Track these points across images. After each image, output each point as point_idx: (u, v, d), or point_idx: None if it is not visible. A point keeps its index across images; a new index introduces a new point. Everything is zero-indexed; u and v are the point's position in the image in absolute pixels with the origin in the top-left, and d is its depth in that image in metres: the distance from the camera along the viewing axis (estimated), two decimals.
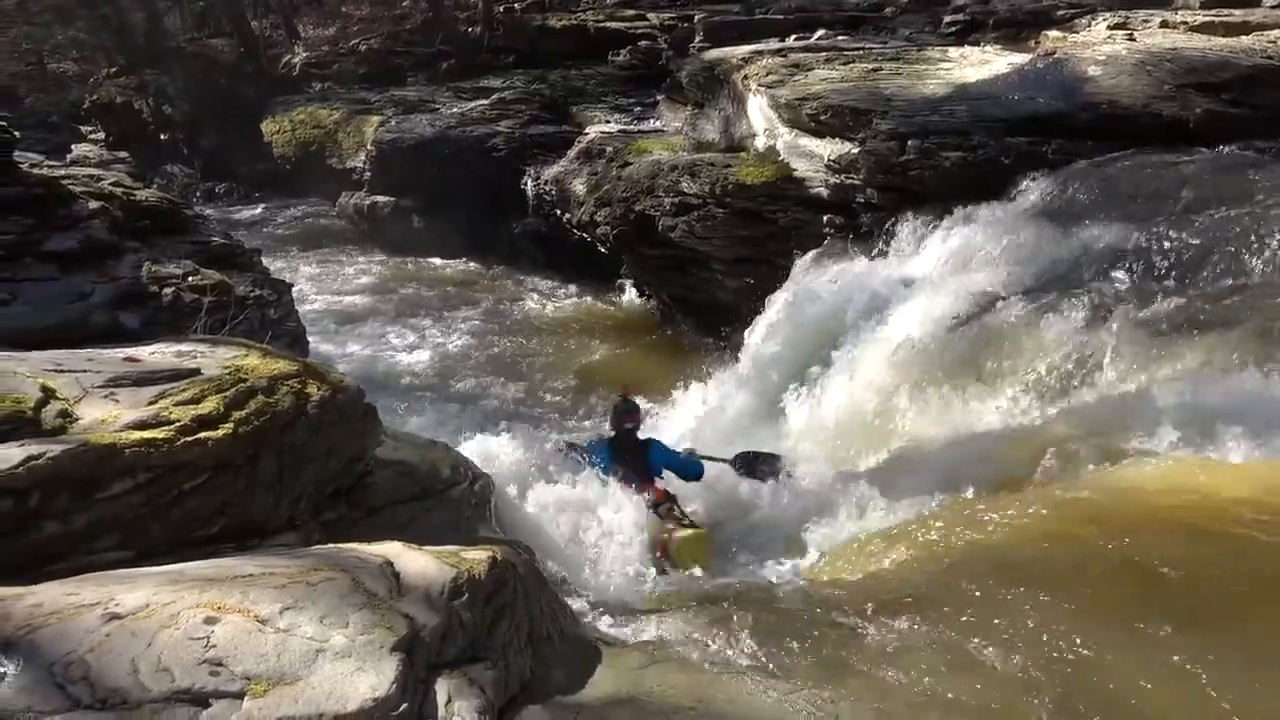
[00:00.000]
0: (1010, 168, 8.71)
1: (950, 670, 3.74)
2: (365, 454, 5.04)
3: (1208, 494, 4.93)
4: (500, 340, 12.86)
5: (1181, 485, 5.10)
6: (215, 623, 2.69)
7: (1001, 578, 4.71)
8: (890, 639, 4.06)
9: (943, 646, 3.98)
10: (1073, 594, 4.44)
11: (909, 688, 3.60)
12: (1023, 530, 5.15)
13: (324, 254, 18.45)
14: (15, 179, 6.24)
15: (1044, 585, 4.53)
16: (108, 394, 4.04)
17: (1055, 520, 5.27)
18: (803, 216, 10.35)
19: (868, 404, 7.19)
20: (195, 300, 6.34)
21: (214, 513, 3.93)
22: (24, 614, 2.73)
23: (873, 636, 4.09)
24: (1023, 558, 4.89)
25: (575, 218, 13.81)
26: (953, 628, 4.15)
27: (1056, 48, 10.68)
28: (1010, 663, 3.83)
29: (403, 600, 3.05)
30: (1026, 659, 3.85)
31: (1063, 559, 4.85)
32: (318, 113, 20.59)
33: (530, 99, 18.48)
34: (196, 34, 28.53)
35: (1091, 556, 4.70)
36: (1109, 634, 4.00)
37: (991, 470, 6.04)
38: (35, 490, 3.38)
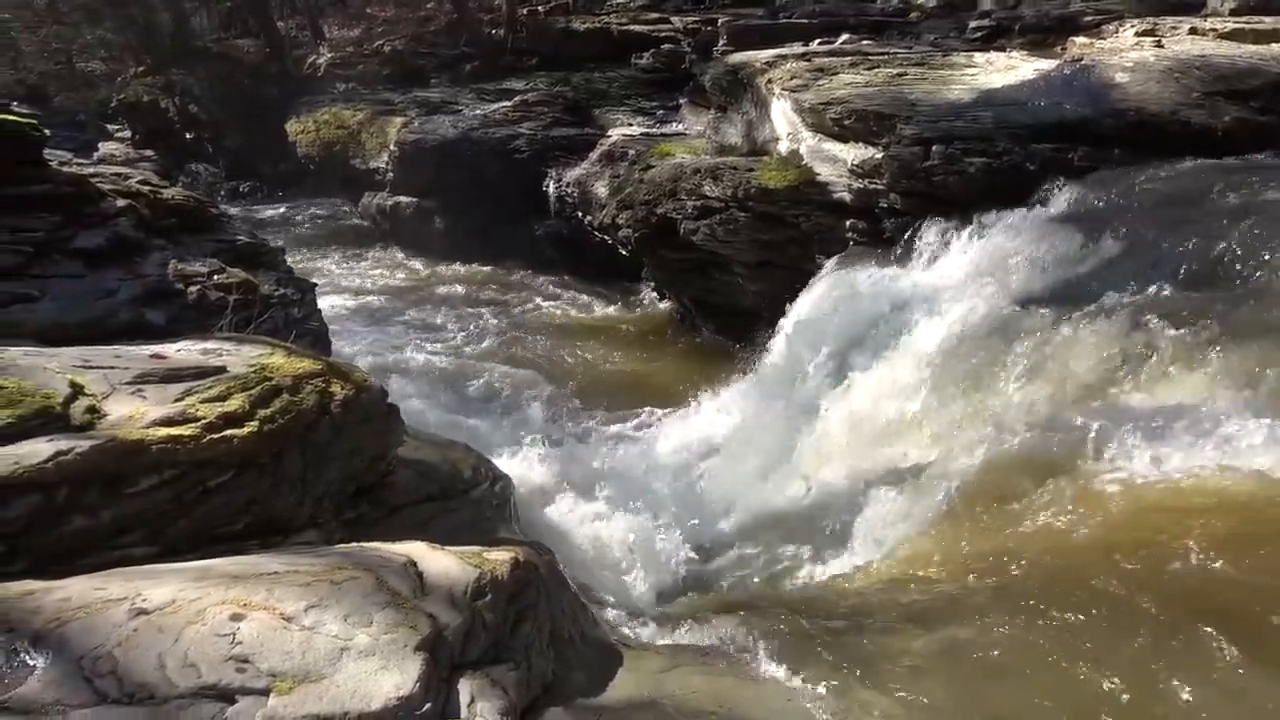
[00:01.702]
0: (1035, 174, 8.65)
1: (981, 681, 3.71)
2: (388, 453, 5.07)
3: (1251, 504, 4.86)
4: (521, 341, 12.88)
5: (1222, 494, 5.04)
6: (241, 619, 2.71)
7: (1031, 586, 4.67)
8: (918, 648, 4.03)
9: (972, 657, 3.95)
10: (1107, 604, 4.40)
11: (938, 699, 3.58)
12: (1054, 538, 5.10)
13: (346, 254, 18.54)
14: (45, 176, 6.30)
15: (1076, 594, 4.49)
16: (135, 390, 4.08)
17: (1087, 529, 5.22)
18: (825, 221, 10.30)
19: (891, 410, 7.14)
20: (221, 298, 6.38)
21: (238, 510, 3.96)
22: (53, 608, 2.76)
23: (899, 645, 4.07)
24: (1053, 566, 4.85)
25: (597, 220, 13.81)
26: (982, 637, 4.12)
27: (1083, 54, 10.61)
28: (1043, 675, 3.79)
29: (426, 600, 3.06)
30: (1060, 671, 3.81)
31: (1095, 568, 4.80)
32: (342, 113, 20.68)
33: (553, 101, 18.49)
34: (223, 34, 28.75)
35: (1127, 566, 4.64)
36: (1148, 646, 3.95)
37: (1019, 478, 5.99)
38: (64, 485, 3.41)
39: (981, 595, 4.66)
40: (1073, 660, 3.93)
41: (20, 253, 5.68)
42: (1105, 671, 3.82)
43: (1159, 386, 6.24)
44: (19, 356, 4.17)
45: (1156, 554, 4.73)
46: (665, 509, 6.80)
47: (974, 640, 4.12)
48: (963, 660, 3.94)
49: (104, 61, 29.74)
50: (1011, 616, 4.33)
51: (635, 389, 10.75)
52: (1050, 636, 4.10)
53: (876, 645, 4.11)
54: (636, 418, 9.78)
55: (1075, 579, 4.69)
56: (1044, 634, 4.13)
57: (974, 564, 5.15)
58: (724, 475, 7.57)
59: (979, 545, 5.36)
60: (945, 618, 4.31)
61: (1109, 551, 4.87)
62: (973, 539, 5.44)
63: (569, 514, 6.19)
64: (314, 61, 24.82)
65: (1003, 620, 4.31)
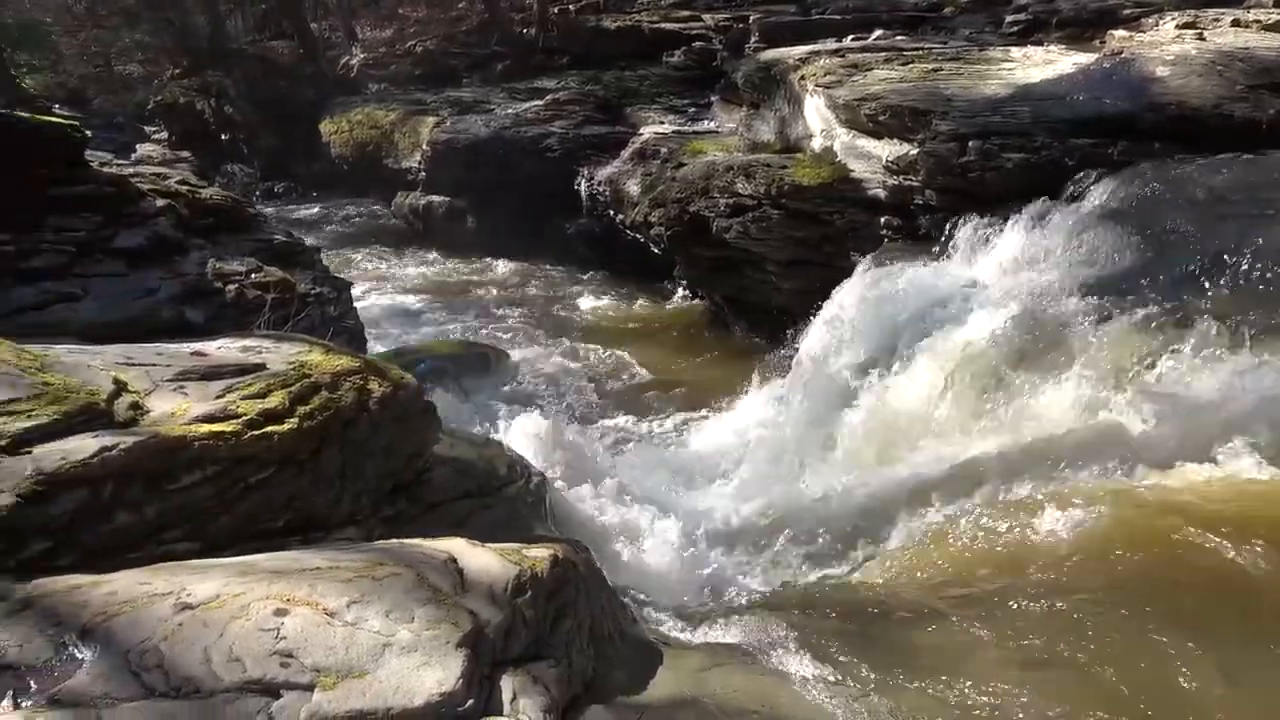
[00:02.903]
0: (1074, 169, 8.51)
1: (1020, 677, 3.67)
2: (425, 450, 5.10)
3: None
4: (553, 340, 12.89)
5: (1258, 494, 4.96)
6: (285, 614, 2.73)
7: (1065, 581, 4.64)
8: (956, 643, 4.00)
9: (1010, 651, 3.92)
10: (1138, 598, 4.35)
11: (978, 695, 3.54)
12: (1086, 533, 5.05)
13: (380, 253, 18.66)
14: (87, 177, 6.40)
15: (1109, 589, 4.44)
16: (177, 387, 4.13)
17: (1118, 524, 5.17)
18: (859, 218, 10.22)
19: (927, 408, 7.09)
20: (258, 297, 6.46)
21: (279, 507, 4.00)
22: (99, 602, 2.79)
23: (937, 640, 4.04)
24: (1086, 561, 4.80)
25: (629, 218, 13.80)
26: (1018, 632, 4.08)
27: (1123, 47, 10.45)
28: (1082, 670, 3.75)
29: (467, 596, 3.06)
30: (1098, 667, 3.76)
31: (1127, 563, 4.75)
32: (375, 113, 20.82)
33: (584, 100, 18.50)
34: (258, 36, 29.04)
35: (1160, 562, 4.59)
36: (1183, 643, 3.90)
37: (1052, 472, 5.94)
38: (108, 481, 3.45)
39: (1021, 593, 4.61)
40: (1112, 659, 3.88)
41: (64, 252, 5.78)
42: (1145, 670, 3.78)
43: (1201, 383, 6.15)
44: (63, 354, 4.23)
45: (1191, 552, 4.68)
46: (700, 507, 6.79)
47: (1012, 638, 4.08)
48: (1002, 658, 3.91)
49: (141, 64, 30.17)
50: (1051, 614, 4.29)
51: (668, 387, 10.73)
52: (1087, 634, 4.06)
53: (916, 643, 4.08)
54: (670, 416, 9.77)
55: (1112, 577, 4.65)
56: (1082, 632, 4.08)
57: (1011, 562, 5.12)
58: (758, 473, 7.53)
59: (1016, 543, 5.32)
60: (986, 616, 4.27)
61: (1143, 549, 4.83)
62: (1010, 536, 5.39)
63: (603, 512, 6.19)
64: (347, 62, 25.02)
65: (1042, 618, 4.27)
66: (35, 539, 3.25)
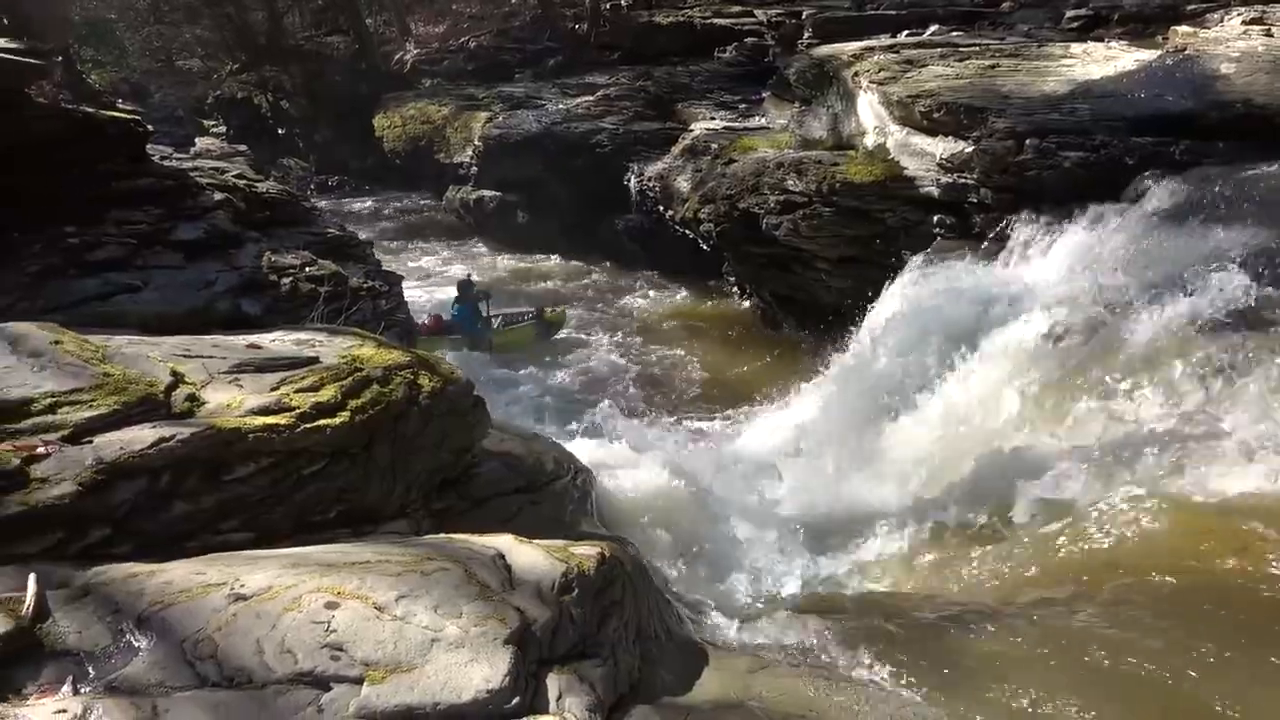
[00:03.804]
0: (1134, 169, 8.33)
1: (1076, 689, 3.59)
2: (474, 445, 5.12)
3: None
4: (602, 335, 12.92)
5: None
6: (335, 607, 2.75)
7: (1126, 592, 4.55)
8: (1009, 651, 3.93)
9: (1066, 662, 3.84)
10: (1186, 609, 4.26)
11: (1028, 702, 3.47)
12: (1148, 541, 4.95)
13: (430, 247, 18.83)
14: (148, 171, 6.53)
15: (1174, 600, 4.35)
16: (232, 379, 4.18)
17: (1183, 533, 5.06)
18: (912, 216, 10.11)
19: (982, 410, 6.97)
20: (312, 290, 6.53)
21: (332, 499, 4.02)
22: (156, 590, 2.83)
23: (990, 648, 3.97)
24: (1148, 570, 4.70)
25: (678, 214, 13.77)
26: (1075, 642, 4.00)
27: (1186, 44, 10.21)
28: (1142, 685, 3.66)
29: (514, 593, 3.06)
30: (1160, 682, 3.67)
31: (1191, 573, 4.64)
32: (427, 108, 21.01)
33: (635, 95, 18.50)
34: (314, 32, 29.42)
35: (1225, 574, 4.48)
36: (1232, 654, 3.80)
37: (1112, 478, 5.82)
38: (166, 471, 3.50)
39: (1079, 603, 4.54)
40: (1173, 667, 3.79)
41: (125, 244, 5.89)
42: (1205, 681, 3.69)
43: (1269, 392, 5.98)
44: (124, 345, 4.30)
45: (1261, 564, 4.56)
46: (748, 506, 6.74)
47: (1068, 648, 4.00)
48: (1058, 669, 3.83)
49: (201, 59, 30.71)
50: (1109, 625, 4.20)
51: (716, 384, 10.70)
52: (1147, 647, 3.97)
53: (968, 650, 4.01)
54: (719, 413, 9.74)
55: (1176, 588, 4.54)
56: (1141, 644, 3.99)
57: (1067, 570, 5.03)
58: (807, 473, 7.47)
59: (1073, 551, 5.22)
60: (1041, 624, 4.20)
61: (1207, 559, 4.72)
62: (1067, 544, 5.30)
63: (650, 509, 6.16)
64: (401, 58, 25.26)
65: (1099, 629, 4.18)
66: (95, 527, 3.31)
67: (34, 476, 3.25)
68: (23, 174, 5.84)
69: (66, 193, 5.82)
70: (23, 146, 5.86)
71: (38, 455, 3.34)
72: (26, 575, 2.82)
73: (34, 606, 2.69)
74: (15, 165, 5.81)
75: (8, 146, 5.72)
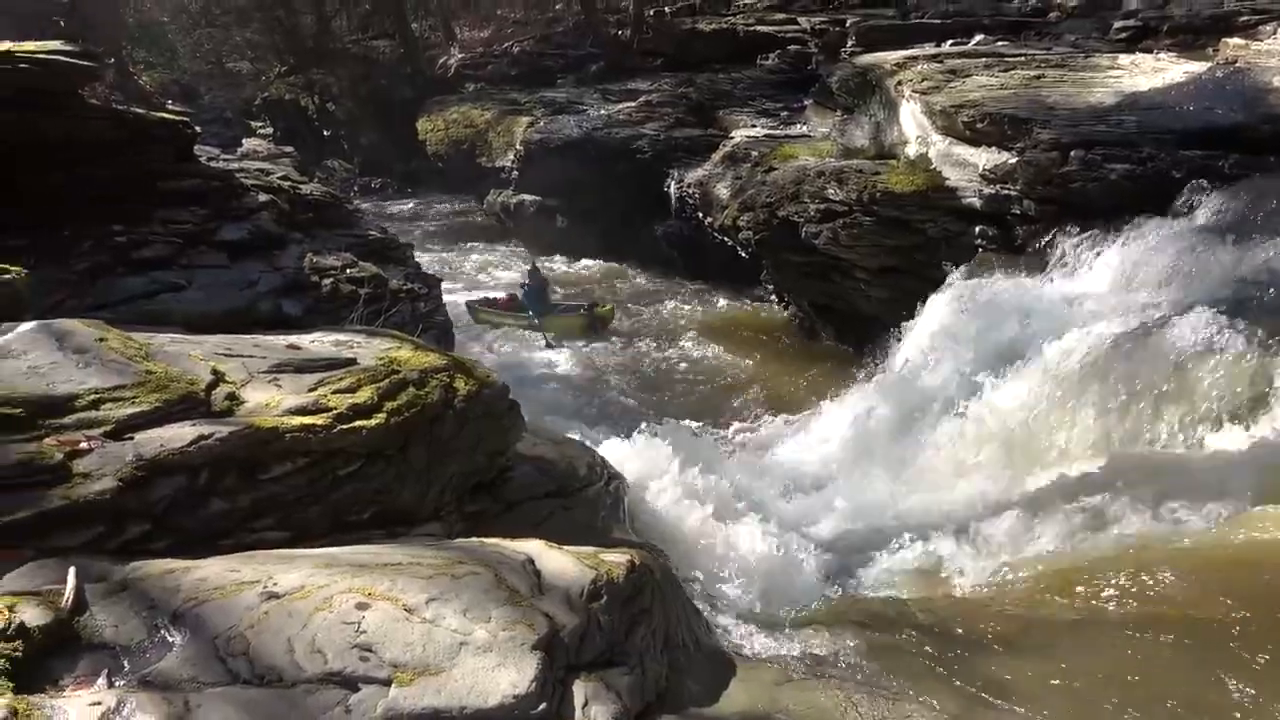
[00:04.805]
0: (1181, 181, 8.20)
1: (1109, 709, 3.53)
2: (508, 448, 5.14)
3: None
4: (639, 341, 12.92)
5: None
6: (366, 608, 2.76)
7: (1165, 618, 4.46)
8: (1043, 670, 3.87)
9: (1101, 687, 3.77)
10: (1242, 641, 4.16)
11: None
12: (1189, 567, 4.84)
13: (470, 250, 18.95)
14: (195, 171, 6.64)
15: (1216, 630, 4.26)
16: (271, 379, 4.22)
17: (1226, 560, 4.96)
18: (953, 227, 9.99)
19: (1023, 425, 6.87)
20: (352, 291, 6.59)
21: (367, 500, 4.05)
22: (191, 587, 2.86)
23: (1025, 668, 3.91)
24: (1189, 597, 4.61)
25: (717, 222, 13.75)
26: (1113, 667, 3.93)
27: (1238, 56, 10.04)
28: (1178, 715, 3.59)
29: (543, 599, 3.06)
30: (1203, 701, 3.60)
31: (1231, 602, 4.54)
32: (470, 112, 21.14)
33: (676, 102, 18.49)
34: (361, 35, 29.77)
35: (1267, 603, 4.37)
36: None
37: (1154, 500, 5.71)
38: (205, 468, 3.55)
39: (1115, 627, 4.47)
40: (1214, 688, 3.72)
41: (171, 244, 5.99)
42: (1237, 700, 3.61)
43: None
44: (167, 343, 4.36)
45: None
46: (782, 515, 6.69)
47: (1103, 673, 3.93)
48: (1093, 694, 3.77)
49: (250, 61, 31.15)
50: (1146, 652, 4.13)
51: (754, 393, 10.64)
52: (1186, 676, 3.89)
53: (998, 665, 3.97)
54: (755, 422, 9.68)
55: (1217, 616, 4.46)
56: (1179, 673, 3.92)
57: (1106, 592, 4.93)
58: (843, 484, 7.40)
59: (1113, 573, 5.12)
60: (1074, 640, 4.14)
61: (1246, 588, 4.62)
62: (1107, 566, 5.20)
63: (683, 516, 6.15)
64: (445, 62, 25.45)
65: (1137, 654, 4.11)
66: (134, 522, 3.35)
67: (76, 471, 3.30)
68: (73, 173, 5.95)
69: (116, 192, 5.91)
70: (74, 146, 5.97)
71: (80, 450, 3.40)
72: (67, 569, 2.87)
73: (73, 600, 2.73)
74: (67, 165, 5.93)
75: (60, 146, 5.84)
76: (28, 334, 4.00)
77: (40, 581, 2.88)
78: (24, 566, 3.00)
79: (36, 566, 3.00)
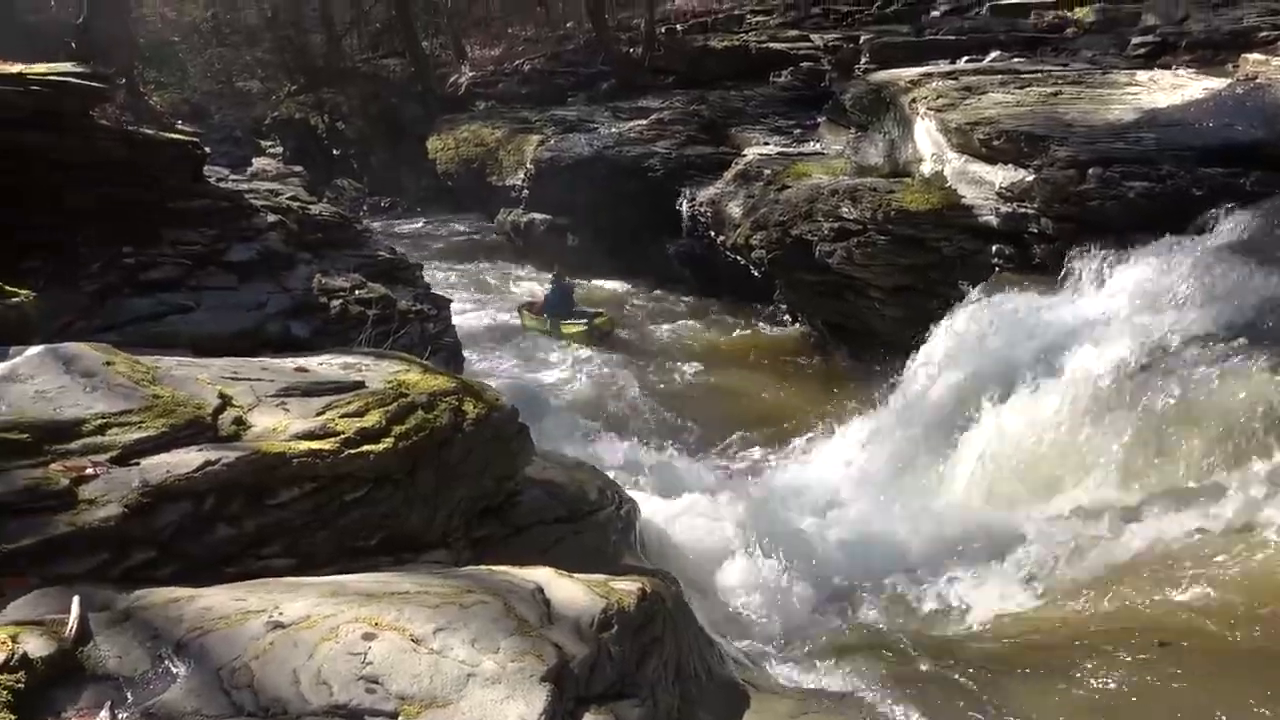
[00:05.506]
0: (1201, 200, 8.11)
1: None
2: (516, 472, 5.09)
3: None
4: (651, 361, 12.83)
5: None
6: (373, 639, 2.70)
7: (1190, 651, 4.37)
8: (1063, 703, 3.78)
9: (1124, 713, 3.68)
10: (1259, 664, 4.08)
11: None
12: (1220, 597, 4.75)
13: (481, 269, 18.93)
14: (204, 192, 6.64)
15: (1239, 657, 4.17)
16: (279, 403, 4.19)
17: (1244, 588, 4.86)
18: (969, 246, 9.92)
19: (1039, 448, 6.78)
20: (361, 313, 6.57)
21: (374, 525, 4.00)
22: (195, 616, 2.81)
23: (1042, 699, 3.83)
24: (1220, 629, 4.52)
25: (730, 240, 13.70)
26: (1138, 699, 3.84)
27: (1258, 72, 9.96)
28: None
29: (552, 629, 2.99)
30: None
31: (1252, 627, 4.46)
32: (481, 131, 21.14)
33: (688, 120, 18.42)
34: (371, 54, 29.89)
35: None
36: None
37: (1168, 530, 5.63)
38: (211, 494, 3.51)
39: (1135, 647, 4.39)
40: None
41: (180, 265, 5.97)
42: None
43: None
44: (174, 366, 4.33)
45: None
46: (797, 541, 6.59)
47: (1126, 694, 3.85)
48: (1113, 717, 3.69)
49: (261, 81, 31.28)
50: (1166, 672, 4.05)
51: (766, 414, 10.55)
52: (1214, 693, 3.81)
53: (1017, 697, 3.89)
54: (769, 444, 9.56)
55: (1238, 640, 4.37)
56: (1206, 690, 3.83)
57: (1128, 617, 4.86)
58: (858, 509, 7.29)
59: (1132, 597, 5.04)
60: (1100, 679, 4.04)
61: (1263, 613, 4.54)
62: (1125, 590, 5.12)
63: (695, 542, 6.08)
64: (456, 80, 25.50)
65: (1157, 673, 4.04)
66: (139, 549, 3.32)
67: (82, 498, 3.28)
68: (84, 194, 5.95)
69: (126, 213, 5.91)
70: (85, 167, 5.97)
71: (86, 476, 3.37)
72: (70, 597, 2.82)
73: (77, 629, 2.69)
74: (77, 186, 5.93)
75: (70, 168, 5.84)
76: (35, 358, 3.98)
77: (43, 610, 2.84)
78: (27, 595, 2.95)
79: (40, 595, 2.96)
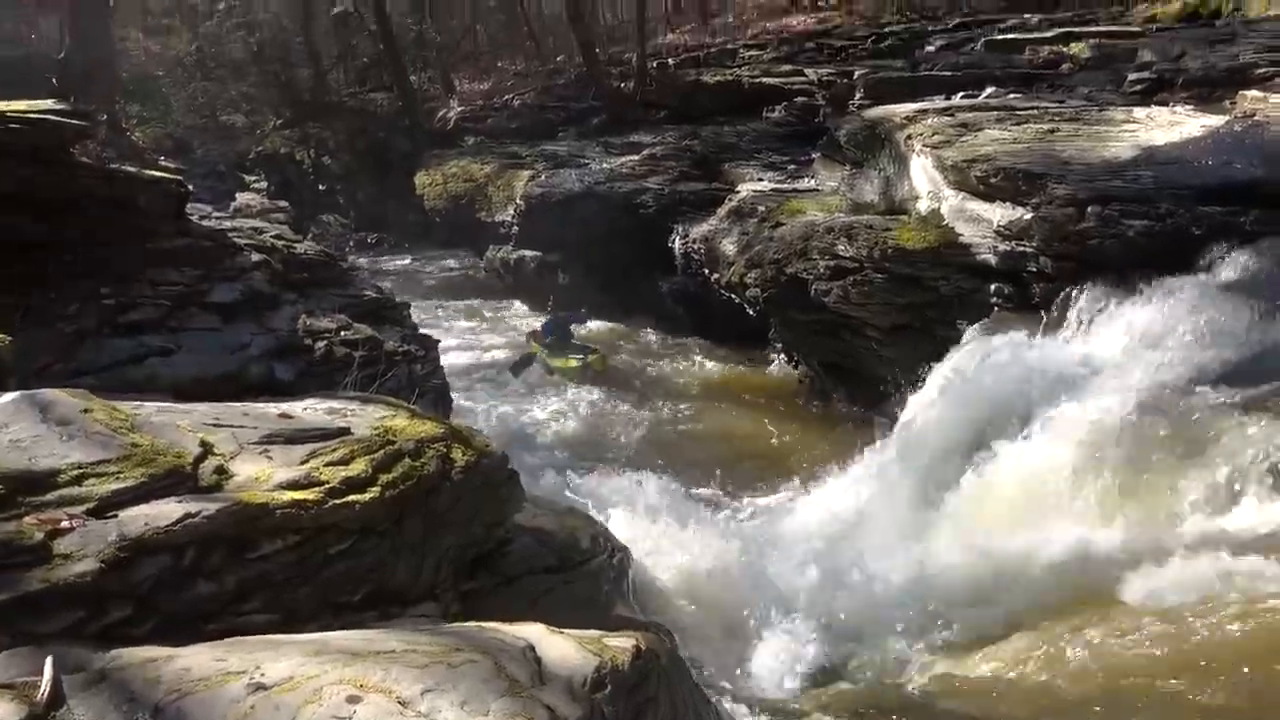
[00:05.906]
0: (1202, 239, 8.06)
1: None
2: (506, 519, 5.01)
3: None
4: (643, 403, 12.64)
5: None
6: (358, 701, 2.60)
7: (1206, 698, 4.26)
8: None
9: None
10: None
11: None
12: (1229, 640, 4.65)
13: (469, 308, 18.79)
14: (186, 230, 6.56)
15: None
16: (262, 451, 4.10)
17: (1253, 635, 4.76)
18: (967, 285, 9.80)
19: (1040, 490, 6.69)
20: (346, 355, 6.47)
21: (359, 578, 3.89)
22: (173, 678, 2.69)
23: None
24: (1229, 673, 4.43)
25: (723, 278, 13.59)
26: None
27: (1256, 109, 10.00)
28: None
29: (544, 689, 2.88)
30: None
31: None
32: (470, 166, 21.01)
33: (680, 155, 18.33)
34: (358, 89, 29.87)
35: None
36: None
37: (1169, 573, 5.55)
38: (191, 547, 3.40)
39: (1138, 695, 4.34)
40: None
41: (160, 306, 5.87)
42: None
43: None
44: (154, 413, 4.24)
45: None
46: (793, 589, 6.45)
47: None
48: None
49: (245, 115, 31.14)
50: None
51: (761, 457, 10.41)
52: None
53: None
54: (763, 489, 9.40)
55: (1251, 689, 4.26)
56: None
57: (1132, 664, 4.78)
58: (856, 554, 7.15)
59: (1139, 644, 4.94)
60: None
61: None
62: (1130, 637, 5.02)
63: (690, 591, 5.95)
64: (445, 115, 25.43)
65: None
66: (116, 606, 3.22)
67: (57, 552, 3.19)
68: (62, 233, 5.86)
69: (105, 253, 5.82)
70: (63, 206, 5.88)
71: (62, 530, 3.28)
72: (43, 657, 2.71)
73: (49, 693, 2.58)
74: (55, 225, 5.83)
75: (48, 206, 5.75)
76: (9, 405, 3.88)
77: (14, 673, 2.75)
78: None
79: (10, 656, 2.88)
